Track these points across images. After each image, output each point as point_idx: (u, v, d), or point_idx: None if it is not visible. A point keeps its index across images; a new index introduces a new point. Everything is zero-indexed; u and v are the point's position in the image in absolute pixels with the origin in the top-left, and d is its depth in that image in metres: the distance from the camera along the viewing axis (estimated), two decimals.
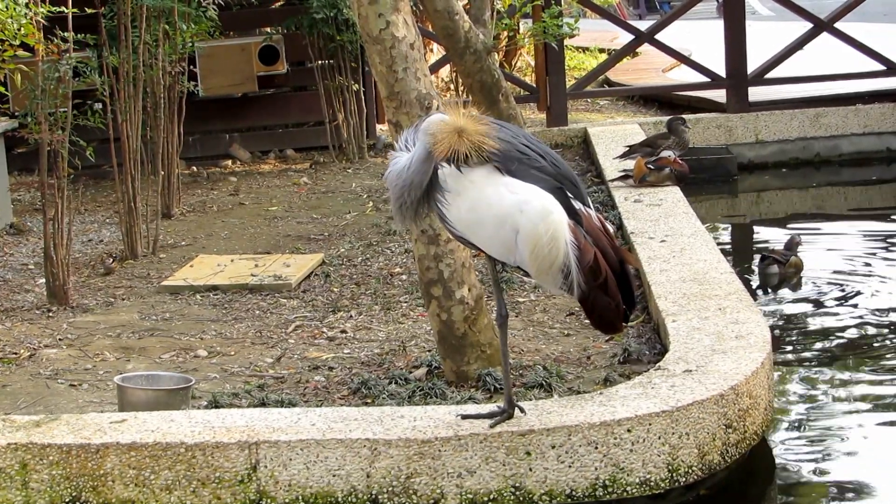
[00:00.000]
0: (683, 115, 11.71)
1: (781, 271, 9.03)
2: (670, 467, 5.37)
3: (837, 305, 8.46)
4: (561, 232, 5.03)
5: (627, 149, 10.88)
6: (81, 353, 7.18)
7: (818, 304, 8.54)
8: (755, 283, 9.11)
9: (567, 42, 14.52)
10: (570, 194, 5.13)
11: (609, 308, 5.15)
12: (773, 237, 10.44)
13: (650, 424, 5.34)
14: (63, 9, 8.15)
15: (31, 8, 7.80)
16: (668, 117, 11.71)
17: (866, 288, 8.80)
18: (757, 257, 9.49)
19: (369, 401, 6.14)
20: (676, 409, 5.39)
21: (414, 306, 7.70)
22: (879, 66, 13.68)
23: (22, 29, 7.61)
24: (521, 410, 5.41)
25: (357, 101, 12.70)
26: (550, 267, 5.06)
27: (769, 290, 8.95)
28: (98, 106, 9.35)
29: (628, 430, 5.32)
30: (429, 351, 6.76)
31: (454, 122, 5.03)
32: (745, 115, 13.18)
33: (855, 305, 8.40)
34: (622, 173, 10.15)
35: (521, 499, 5.26)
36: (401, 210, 5.19)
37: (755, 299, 7.54)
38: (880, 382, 7.12)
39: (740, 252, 10.24)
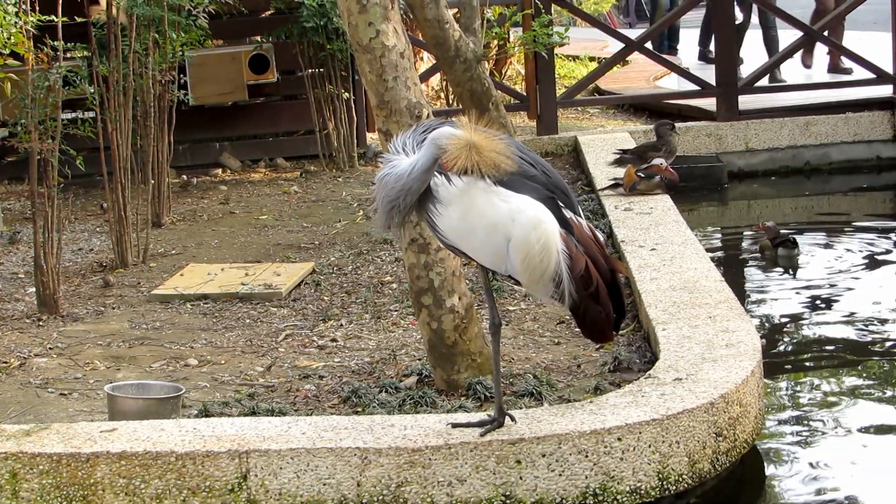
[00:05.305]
0: (672, 121, 11.72)
1: (798, 251, 9.69)
2: (660, 476, 5.37)
3: (829, 313, 8.48)
4: (552, 241, 5.04)
5: (619, 154, 10.89)
6: (72, 361, 7.17)
7: (809, 312, 8.56)
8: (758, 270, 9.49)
9: (557, 51, 14.53)
10: (561, 203, 5.15)
11: (600, 317, 5.16)
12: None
13: (640, 433, 5.34)
14: (53, 17, 8.14)
15: (21, 17, 7.80)
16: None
17: (857, 296, 8.82)
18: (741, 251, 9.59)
19: (359, 409, 6.14)
20: (666, 417, 5.39)
21: (404, 315, 7.70)
22: (869, 75, 13.71)
23: (12, 38, 7.62)
24: (512, 419, 5.41)
25: (347, 109, 12.70)
26: (542, 276, 5.07)
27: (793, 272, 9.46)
28: (89, 114, 9.35)
29: (618, 439, 5.32)
30: (419, 360, 6.76)
31: (467, 138, 5.01)
32: (735, 123, 13.19)
33: (846, 313, 8.42)
34: (612, 182, 10.16)
35: None
36: (390, 213, 5.18)
37: (745, 307, 7.55)
38: (872, 390, 7.13)
39: (730, 260, 10.25)
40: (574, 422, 5.39)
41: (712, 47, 14.56)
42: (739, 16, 15.82)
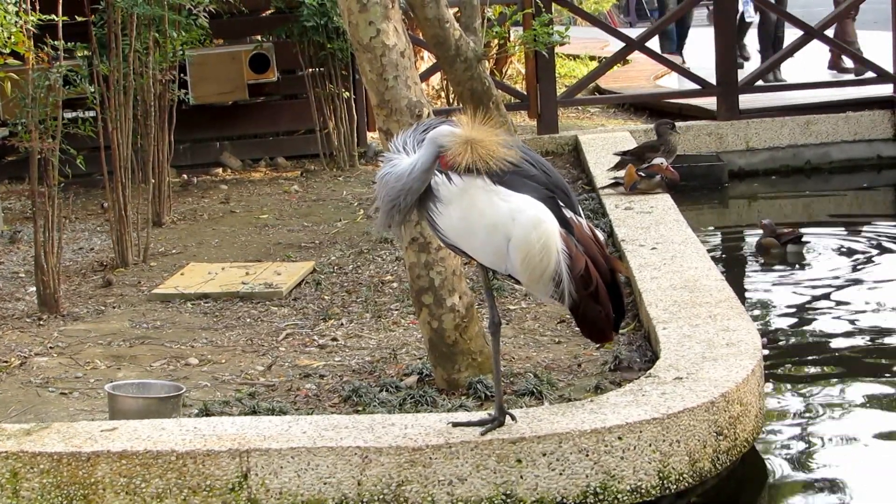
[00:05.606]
0: (672, 120, 11.70)
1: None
2: (661, 475, 5.37)
3: (829, 312, 8.48)
4: (552, 241, 5.04)
5: (619, 156, 10.88)
6: (72, 361, 7.17)
7: (810, 311, 8.56)
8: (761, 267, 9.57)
9: (558, 50, 14.53)
10: (561, 203, 5.14)
11: (599, 317, 5.16)
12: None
13: (641, 432, 5.34)
14: (53, 17, 8.14)
15: (21, 16, 7.79)
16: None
17: (858, 294, 8.81)
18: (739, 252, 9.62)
19: (360, 409, 6.13)
20: (667, 416, 5.39)
21: (405, 314, 7.70)
22: (870, 74, 13.71)
23: (12, 37, 7.61)
24: (512, 418, 5.41)
25: (348, 109, 12.70)
26: (542, 275, 5.07)
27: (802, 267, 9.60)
28: (89, 114, 9.34)
29: (619, 438, 5.32)
30: (420, 359, 6.76)
31: (466, 134, 5.01)
32: (735, 122, 13.19)
33: (847, 312, 8.41)
34: (613, 181, 10.16)
35: None
36: (390, 213, 5.18)
37: (745, 306, 7.55)
38: (872, 389, 7.12)
39: (731, 259, 10.25)
40: (575, 421, 5.39)
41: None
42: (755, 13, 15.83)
